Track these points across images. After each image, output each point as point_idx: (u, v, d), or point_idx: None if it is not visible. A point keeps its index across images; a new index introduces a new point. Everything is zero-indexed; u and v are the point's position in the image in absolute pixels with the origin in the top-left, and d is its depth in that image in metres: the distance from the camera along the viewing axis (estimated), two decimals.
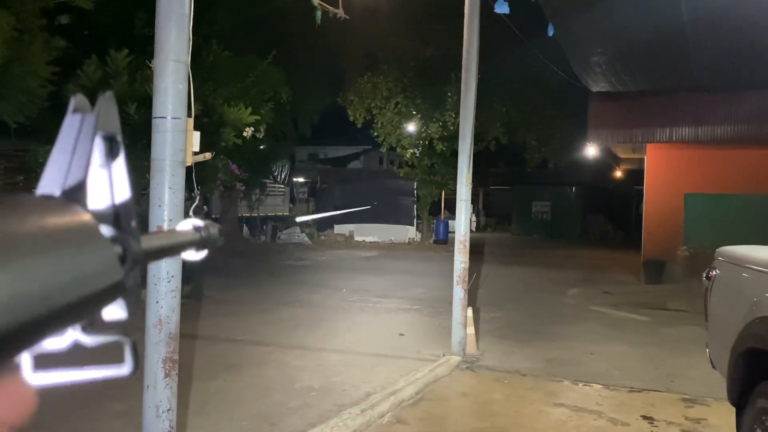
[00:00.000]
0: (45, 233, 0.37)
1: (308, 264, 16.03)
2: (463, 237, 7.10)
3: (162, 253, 0.53)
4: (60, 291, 0.36)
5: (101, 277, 0.40)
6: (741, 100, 12.36)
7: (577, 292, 12.11)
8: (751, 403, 3.48)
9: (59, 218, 0.39)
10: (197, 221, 0.60)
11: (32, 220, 0.37)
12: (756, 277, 3.66)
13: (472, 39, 7.14)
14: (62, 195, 0.42)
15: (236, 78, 12.03)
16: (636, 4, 8.69)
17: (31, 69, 8.65)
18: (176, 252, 0.56)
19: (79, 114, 0.44)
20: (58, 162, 0.43)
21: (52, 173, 0.43)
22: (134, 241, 0.44)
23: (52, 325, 0.36)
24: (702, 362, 5.26)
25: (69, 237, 0.39)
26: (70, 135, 0.44)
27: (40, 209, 0.39)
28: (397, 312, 9.56)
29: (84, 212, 0.42)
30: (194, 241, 0.57)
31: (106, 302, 0.41)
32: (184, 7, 3.30)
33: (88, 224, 0.41)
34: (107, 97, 0.46)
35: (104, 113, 0.45)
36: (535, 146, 22.94)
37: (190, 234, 0.57)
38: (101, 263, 0.41)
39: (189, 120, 3.40)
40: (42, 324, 0.35)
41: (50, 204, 0.41)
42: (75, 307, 0.37)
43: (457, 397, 5.75)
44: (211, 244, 0.60)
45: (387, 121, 20.95)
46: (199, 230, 0.58)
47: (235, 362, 6.41)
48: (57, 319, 0.36)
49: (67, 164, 0.43)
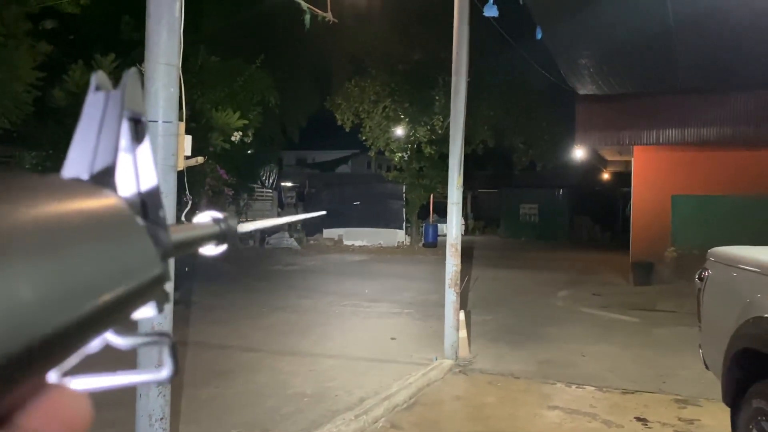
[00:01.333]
0: (85, 220, 0.34)
1: (297, 269, 15.97)
2: (454, 240, 7.10)
3: (188, 246, 0.49)
4: (105, 286, 0.33)
5: (143, 270, 0.37)
6: (726, 102, 12.48)
7: (567, 294, 12.15)
8: (746, 404, 3.48)
9: (95, 204, 0.36)
10: (216, 213, 0.56)
11: (70, 205, 0.34)
12: (749, 277, 3.68)
13: (462, 42, 7.14)
14: (91, 179, 0.39)
15: (224, 82, 11.99)
16: (623, 8, 8.74)
17: (17, 74, 8.55)
18: (200, 245, 0.52)
19: (103, 92, 0.41)
20: (83, 143, 0.39)
21: (77, 155, 0.39)
22: (163, 232, 0.41)
23: (98, 326, 0.33)
24: (693, 363, 5.28)
25: (109, 225, 0.36)
26: (94, 115, 0.40)
27: (74, 193, 0.35)
28: (389, 316, 9.53)
29: (119, 199, 0.38)
30: (215, 234, 0.54)
31: (148, 299, 0.38)
32: (174, 9, 3.26)
33: (125, 212, 0.38)
34: (132, 74, 0.42)
35: (130, 91, 0.41)
36: (523, 149, 23.03)
37: (212, 226, 0.53)
38: (142, 255, 0.37)
39: (180, 124, 3.36)
40: (89, 324, 0.31)
41: (83, 188, 0.37)
42: (120, 305, 0.34)
43: (450, 400, 5.73)
44: (231, 238, 0.56)
45: (375, 125, 20.95)
46: (219, 222, 0.54)
47: (227, 369, 6.35)
48: (103, 319, 0.33)
49: (94, 146, 0.39)
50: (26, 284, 0.28)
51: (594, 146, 15.27)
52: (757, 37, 9.06)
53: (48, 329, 0.29)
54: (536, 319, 9.51)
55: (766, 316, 3.27)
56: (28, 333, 0.28)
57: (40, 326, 0.28)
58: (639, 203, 14.40)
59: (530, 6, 9.04)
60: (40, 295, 0.29)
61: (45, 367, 0.30)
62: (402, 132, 20.90)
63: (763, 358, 3.24)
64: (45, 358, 0.29)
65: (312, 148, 37.69)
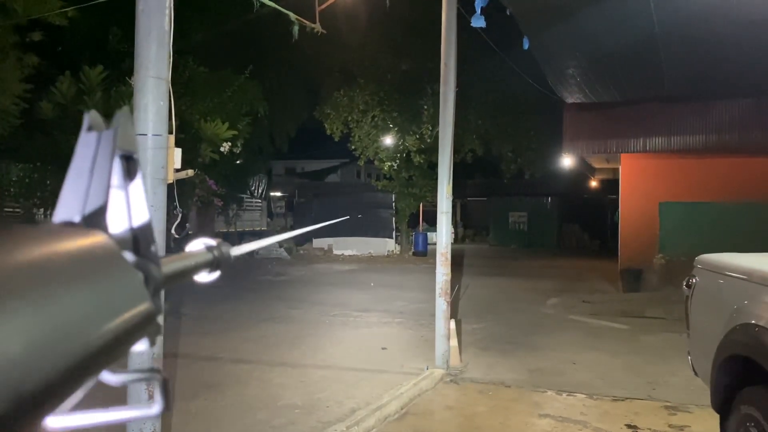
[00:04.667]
0: (73, 264, 0.34)
1: (287, 279, 15.93)
2: (444, 249, 7.11)
3: (181, 276, 0.50)
4: (96, 329, 0.33)
5: (133, 308, 0.37)
6: (712, 110, 12.62)
7: (557, 302, 12.19)
8: (735, 410, 3.51)
9: (85, 247, 0.36)
10: (209, 240, 0.57)
11: (58, 251, 0.34)
12: (736, 284, 3.71)
13: (450, 52, 7.19)
14: (83, 221, 0.39)
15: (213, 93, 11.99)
16: (609, 17, 8.84)
17: (4, 86, 8.51)
18: (193, 274, 0.53)
19: (95, 132, 0.41)
20: (75, 185, 0.40)
21: (69, 197, 0.40)
22: (155, 266, 0.41)
23: (91, 370, 0.33)
24: (682, 369, 5.32)
25: (98, 268, 0.36)
26: (86, 155, 0.40)
27: (62, 238, 0.36)
28: (379, 325, 9.52)
29: (109, 239, 0.39)
30: (208, 262, 0.54)
31: (140, 335, 0.38)
32: (163, 23, 3.27)
33: (115, 253, 0.38)
34: (124, 114, 0.43)
35: (122, 130, 0.41)
36: (511, 157, 23.14)
37: (204, 254, 0.54)
38: (132, 294, 0.38)
39: (170, 137, 3.36)
40: (82, 368, 0.31)
41: (72, 232, 0.37)
42: (112, 346, 0.34)
43: (442, 410, 5.72)
44: (225, 264, 0.57)
45: (364, 134, 20.99)
46: (212, 250, 0.55)
47: (217, 381, 6.31)
48: (96, 361, 0.33)
49: (86, 187, 0.40)
50: (14, 338, 0.28)
51: (582, 154, 15.37)
52: (739, 46, 9.19)
53: (40, 382, 0.29)
54: (526, 327, 9.53)
55: (753, 323, 3.30)
56: (17, 387, 0.27)
57: (31, 380, 0.28)
58: (627, 211, 14.50)
59: (517, 17, 9.12)
60: (29, 347, 0.28)
61: (39, 417, 0.30)
62: (391, 141, 20.95)
63: (750, 364, 3.27)
64: (38, 409, 0.29)
65: (301, 158, 37.73)
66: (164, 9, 3.26)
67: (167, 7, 3.27)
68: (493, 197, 32.36)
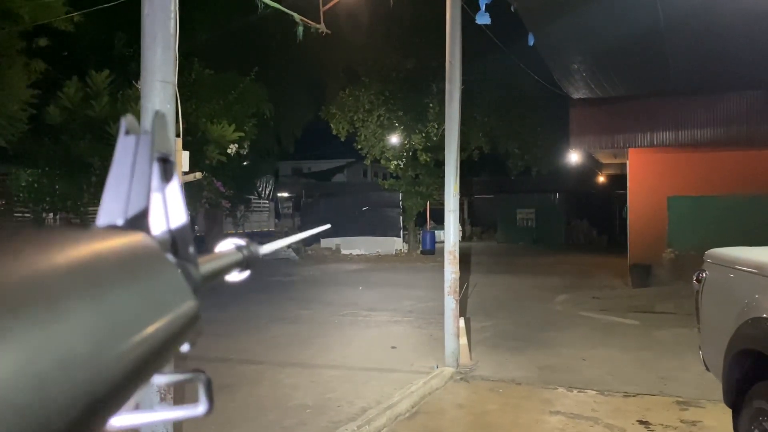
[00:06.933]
0: (124, 266, 0.34)
1: (296, 279, 15.95)
2: (452, 247, 7.11)
3: (215, 276, 0.50)
4: (151, 328, 0.33)
5: (181, 307, 0.37)
6: (719, 103, 12.55)
7: (566, 298, 12.15)
8: (748, 404, 3.50)
9: (131, 249, 0.36)
10: (239, 240, 0.57)
11: (107, 253, 0.34)
12: (746, 278, 3.69)
13: (455, 50, 7.18)
14: (126, 224, 0.40)
15: (219, 95, 12.03)
16: (614, 12, 8.81)
17: (11, 93, 8.56)
18: (226, 273, 0.53)
19: (133, 135, 0.42)
20: (116, 189, 0.40)
21: (111, 201, 0.40)
22: (194, 267, 0.42)
23: (150, 368, 0.33)
24: (694, 364, 5.30)
25: (146, 268, 0.36)
26: (125, 159, 0.41)
27: (109, 240, 0.36)
28: (388, 325, 9.53)
29: (152, 240, 0.39)
30: (239, 261, 0.55)
31: (188, 335, 0.38)
32: (169, 27, 3.28)
33: (160, 255, 0.39)
34: (160, 116, 0.43)
35: (158, 133, 0.42)
36: (518, 154, 23.08)
37: (235, 254, 0.55)
38: (178, 293, 0.38)
39: (177, 140, 3.38)
40: (143, 368, 0.32)
41: (118, 234, 0.38)
42: (166, 344, 0.34)
43: (452, 408, 5.72)
44: (254, 263, 0.57)
45: (370, 133, 20.99)
46: (242, 249, 0.56)
47: (228, 382, 6.33)
48: (153, 360, 0.33)
49: (127, 190, 0.40)
50: (80, 337, 0.28)
51: (589, 150, 15.33)
52: (745, 38, 9.13)
53: (108, 383, 0.29)
54: (536, 324, 9.51)
55: (764, 317, 3.28)
56: (88, 389, 0.28)
57: (100, 380, 0.28)
58: (635, 206, 14.44)
59: (521, 13, 9.10)
60: (96, 347, 0.29)
61: (107, 417, 0.30)
62: (397, 140, 20.95)
63: (762, 358, 3.25)
64: (106, 410, 0.29)
65: (308, 158, 37.78)
66: (169, 13, 3.27)
67: (172, 11, 3.28)
68: (501, 194, 32.29)
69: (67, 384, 0.26)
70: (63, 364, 0.26)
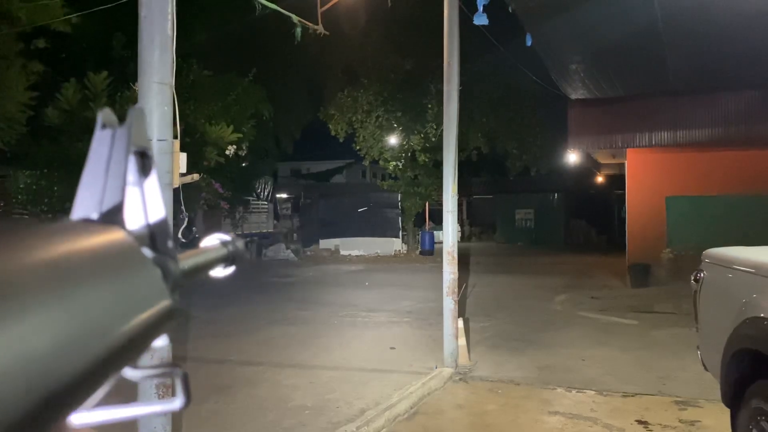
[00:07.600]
0: (94, 260, 0.34)
1: (295, 280, 15.95)
2: (450, 248, 7.11)
3: (198, 272, 0.50)
4: (120, 324, 0.33)
5: (154, 304, 0.37)
6: (718, 103, 12.56)
7: (565, 299, 12.16)
8: (746, 404, 3.50)
9: (104, 243, 0.36)
10: (223, 236, 0.57)
11: (79, 247, 0.34)
12: (744, 278, 3.70)
13: (452, 51, 7.19)
14: (100, 218, 0.39)
15: (217, 96, 12.03)
16: (611, 12, 8.82)
17: (10, 95, 8.55)
18: (209, 269, 0.53)
19: (109, 129, 0.42)
20: (91, 182, 0.40)
21: (86, 195, 0.40)
22: (173, 262, 0.42)
23: (116, 365, 0.33)
24: (692, 364, 5.30)
25: (118, 264, 0.36)
26: (101, 153, 0.41)
27: (82, 234, 0.35)
28: (387, 325, 9.53)
29: (126, 235, 0.39)
30: (224, 257, 0.55)
31: (161, 331, 0.38)
32: (166, 28, 3.28)
33: (134, 249, 0.38)
34: (138, 110, 0.43)
35: (136, 127, 0.42)
36: (516, 154, 23.11)
37: (220, 250, 0.55)
38: (152, 289, 0.38)
39: (175, 141, 3.38)
40: (107, 364, 0.31)
41: (91, 228, 0.37)
42: (135, 340, 0.34)
43: (451, 409, 5.72)
44: (239, 259, 0.57)
45: (368, 134, 21.00)
46: (227, 245, 0.55)
47: (227, 383, 6.33)
48: (120, 356, 0.33)
49: (102, 184, 0.40)
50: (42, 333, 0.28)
51: (587, 150, 15.34)
52: (743, 38, 9.14)
53: (67, 379, 0.29)
54: (535, 325, 9.52)
55: (762, 317, 3.28)
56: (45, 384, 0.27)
57: (58, 375, 0.28)
58: (634, 206, 14.45)
59: (519, 13, 9.10)
60: (57, 343, 0.28)
61: (66, 413, 0.30)
62: (396, 141, 20.96)
63: (760, 358, 3.26)
64: (65, 406, 0.29)
65: (306, 159, 37.77)
66: (167, 15, 3.27)
67: (169, 12, 3.28)
68: (499, 195, 32.31)
69: (21, 379, 0.26)
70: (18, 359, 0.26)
